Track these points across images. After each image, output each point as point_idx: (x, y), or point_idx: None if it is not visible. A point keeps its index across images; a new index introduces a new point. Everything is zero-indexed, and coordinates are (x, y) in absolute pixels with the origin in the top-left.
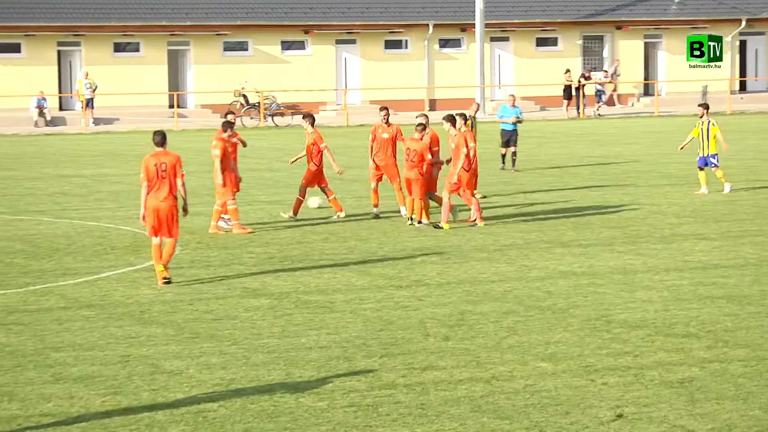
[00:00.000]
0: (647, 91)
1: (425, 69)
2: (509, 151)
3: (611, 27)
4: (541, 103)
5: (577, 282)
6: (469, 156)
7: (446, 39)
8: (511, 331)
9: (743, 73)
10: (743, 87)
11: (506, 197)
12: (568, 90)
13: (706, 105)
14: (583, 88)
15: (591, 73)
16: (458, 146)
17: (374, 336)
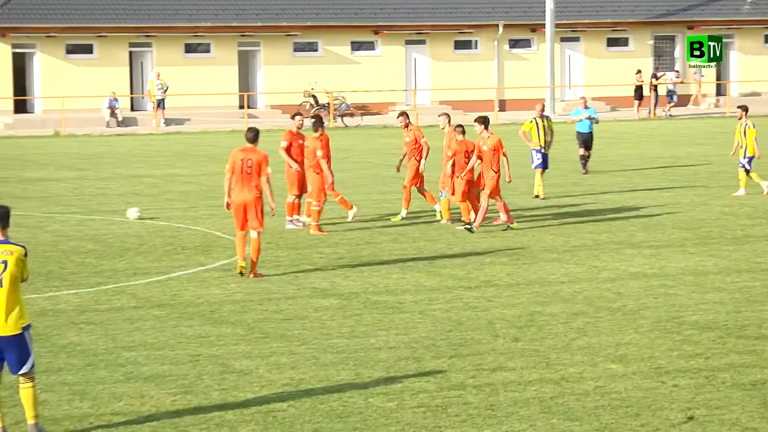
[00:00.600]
0: (719, 91)
1: (495, 69)
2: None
3: (683, 27)
4: (612, 104)
5: (647, 283)
6: (498, 160)
7: (516, 39)
8: (581, 333)
9: None
10: None
11: (576, 197)
12: (639, 90)
13: (745, 107)
14: (655, 89)
15: (659, 73)
16: (492, 149)
17: (443, 337)
